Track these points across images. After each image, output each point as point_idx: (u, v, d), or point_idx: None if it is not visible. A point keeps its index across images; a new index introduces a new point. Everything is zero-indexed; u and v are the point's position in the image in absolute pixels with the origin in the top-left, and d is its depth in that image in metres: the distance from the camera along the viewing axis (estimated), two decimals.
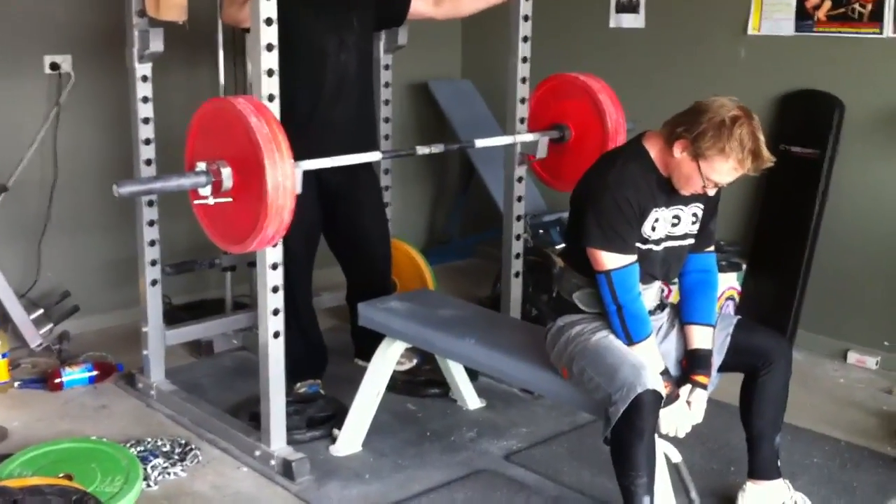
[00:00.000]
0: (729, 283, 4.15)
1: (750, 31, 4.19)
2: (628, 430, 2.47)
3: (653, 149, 2.67)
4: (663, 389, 2.50)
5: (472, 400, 3.56)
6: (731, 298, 4.18)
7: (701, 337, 2.72)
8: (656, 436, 2.56)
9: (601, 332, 2.64)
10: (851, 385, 3.86)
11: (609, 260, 2.57)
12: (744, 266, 4.21)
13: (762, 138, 2.54)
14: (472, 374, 3.57)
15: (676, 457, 2.70)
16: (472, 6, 3.66)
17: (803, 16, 4.02)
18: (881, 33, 3.81)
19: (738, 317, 2.81)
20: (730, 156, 2.51)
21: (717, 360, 2.73)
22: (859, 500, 2.98)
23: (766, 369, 2.72)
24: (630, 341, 2.59)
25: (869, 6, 3.83)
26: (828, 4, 3.95)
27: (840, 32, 3.93)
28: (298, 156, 2.72)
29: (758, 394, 2.74)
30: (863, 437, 3.37)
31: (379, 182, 3.85)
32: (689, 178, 2.58)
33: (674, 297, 3.05)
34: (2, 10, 3.97)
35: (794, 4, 4.03)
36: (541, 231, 4.49)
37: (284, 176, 2.56)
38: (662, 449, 2.67)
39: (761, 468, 2.80)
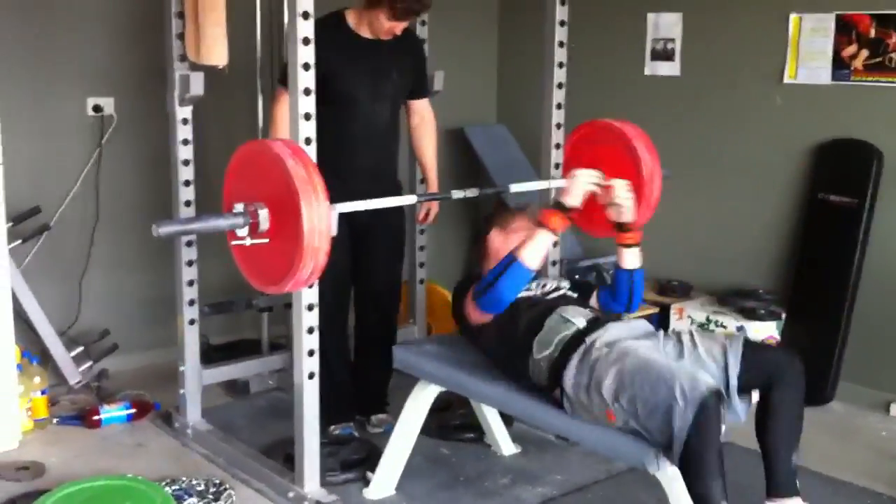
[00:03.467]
0: (768, 332, 4.12)
1: (786, 80, 4.19)
2: (697, 436, 2.43)
3: None
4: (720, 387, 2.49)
5: (506, 445, 3.54)
6: None
7: None
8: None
9: (621, 356, 2.62)
10: (894, 438, 3.80)
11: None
12: (783, 315, 4.17)
13: None
14: (507, 420, 3.56)
15: None
16: (423, 152, 3.76)
17: (840, 65, 4.02)
18: None
19: (746, 336, 2.77)
20: None
21: (732, 380, 2.68)
22: None
23: (777, 384, 2.69)
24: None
25: None
26: (864, 53, 3.95)
27: (877, 81, 3.93)
28: (335, 200, 2.75)
29: (771, 410, 2.71)
30: None
31: (405, 227, 3.87)
32: None
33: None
34: (48, 54, 4.08)
35: (831, 53, 4.03)
36: (576, 276, 4.49)
37: (320, 219, 2.58)
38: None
39: (778, 485, 2.72)
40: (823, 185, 4.11)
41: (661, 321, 4.30)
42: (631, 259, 3.11)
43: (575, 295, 3.17)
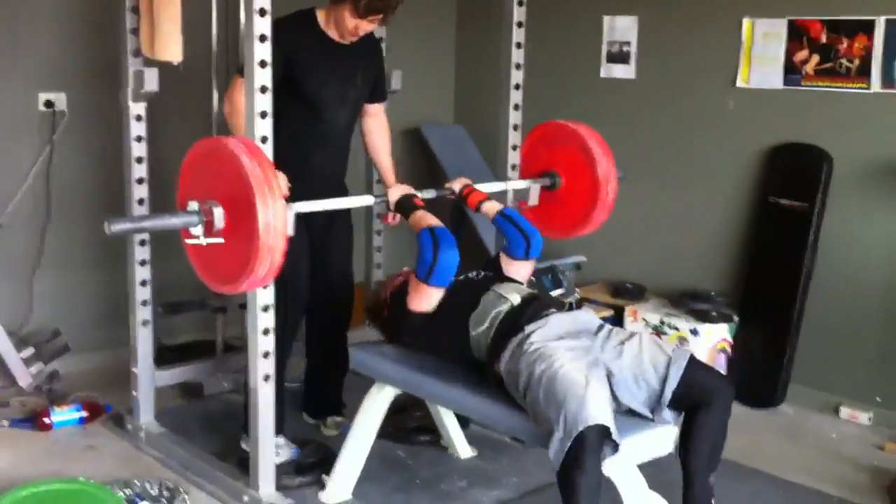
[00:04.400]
0: (721, 335, 4.17)
1: (739, 84, 4.25)
2: (572, 465, 2.49)
3: None
4: (609, 422, 2.51)
5: (462, 448, 3.55)
6: (723, 350, 4.19)
7: None
8: (646, 488, 2.56)
9: (539, 359, 2.67)
10: (843, 440, 3.85)
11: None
12: (735, 318, 4.22)
13: None
14: (464, 422, 3.56)
15: None
16: (381, 155, 3.71)
17: (792, 70, 4.08)
18: (868, 88, 3.87)
19: (691, 353, 2.81)
20: None
21: (667, 392, 2.70)
22: None
23: (705, 407, 2.72)
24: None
25: (856, 61, 3.89)
26: (816, 59, 4.01)
27: (828, 87, 3.99)
28: (291, 199, 2.74)
29: (695, 431, 2.73)
30: (854, 493, 3.36)
31: (352, 228, 3.84)
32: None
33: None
34: None
35: (783, 58, 4.09)
36: (532, 279, 4.50)
37: (276, 216, 2.56)
38: (653, 500, 2.67)
39: (690, 491, 2.76)
40: (774, 189, 4.17)
41: (615, 323, 4.33)
42: (490, 209, 3.32)
43: (491, 273, 3.23)
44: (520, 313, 2.90)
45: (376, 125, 3.67)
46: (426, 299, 3.01)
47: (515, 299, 2.96)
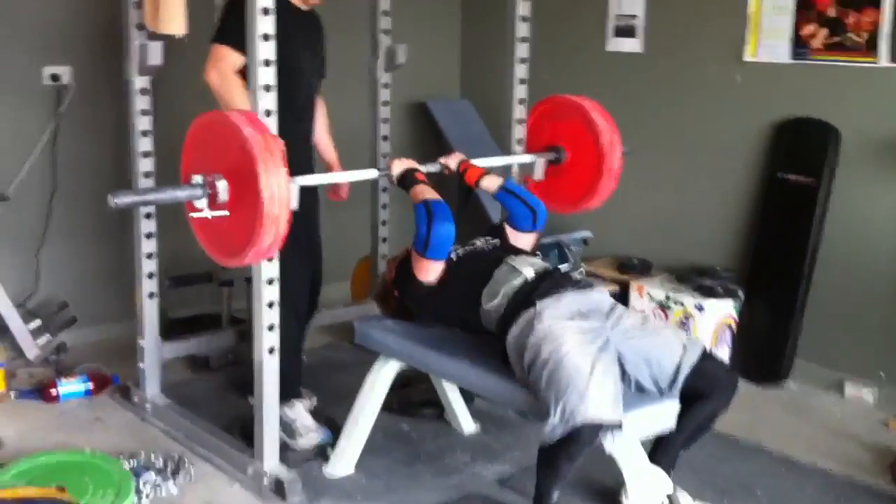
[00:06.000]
0: (726, 311, 4.16)
1: (746, 58, 4.22)
2: (560, 449, 2.55)
3: None
4: (613, 416, 2.53)
5: (466, 423, 3.56)
6: (728, 326, 4.19)
7: None
8: (648, 462, 2.58)
9: (547, 340, 2.68)
10: (847, 417, 3.85)
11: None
12: (740, 294, 4.22)
13: None
14: (468, 397, 3.57)
15: (669, 487, 2.71)
16: (325, 134, 3.67)
17: (799, 44, 4.05)
18: (876, 62, 3.84)
19: (704, 345, 2.82)
20: None
21: (680, 378, 2.72)
22: None
23: (709, 396, 2.75)
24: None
25: (864, 35, 3.86)
26: (824, 33, 3.98)
27: (836, 61, 3.96)
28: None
29: (688, 413, 2.76)
30: (858, 471, 3.36)
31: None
32: None
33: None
34: (3, 21, 3.99)
35: (790, 32, 4.06)
36: (537, 253, 4.50)
37: (280, 187, 2.56)
38: (655, 478, 2.68)
39: (656, 459, 2.82)
40: (782, 165, 4.15)
41: (621, 299, 4.33)
42: (490, 185, 3.29)
43: (498, 241, 3.24)
44: (533, 288, 2.89)
45: (319, 104, 3.63)
46: (426, 271, 3.01)
47: (529, 273, 2.95)
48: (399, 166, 3.20)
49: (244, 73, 3.00)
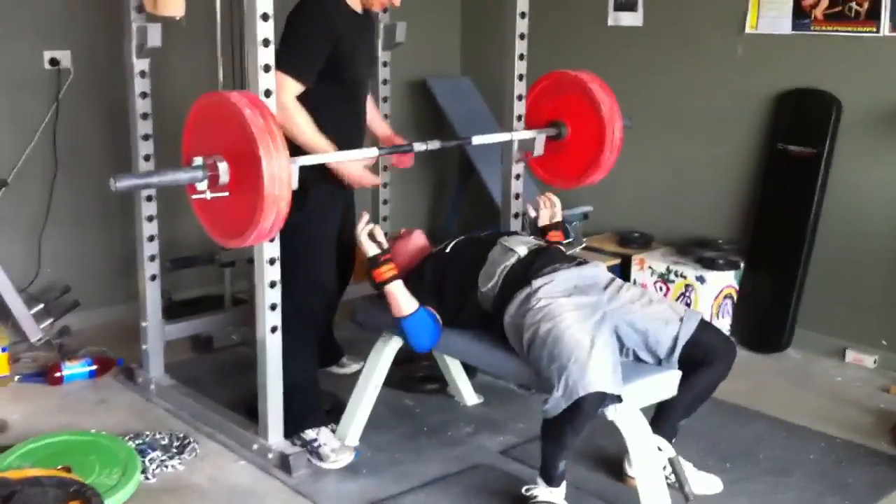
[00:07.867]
0: (727, 281, 4.17)
1: (747, 30, 4.20)
2: (565, 419, 2.57)
3: None
4: (614, 388, 2.55)
5: (469, 396, 3.58)
6: (728, 297, 4.20)
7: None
8: (650, 432, 2.59)
9: (545, 318, 2.69)
10: (848, 383, 3.87)
11: None
12: (741, 264, 4.22)
13: None
14: (470, 371, 3.59)
15: (670, 452, 2.73)
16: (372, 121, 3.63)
17: (800, 14, 4.03)
18: (878, 32, 3.83)
19: (702, 315, 2.84)
20: None
21: (678, 348, 2.75)
22: (853, 496, 2.99)
23: (707, 366, 2.77)
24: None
25: (865, 5, 3.84)
26: (825, 3, 3.96)
27: (837, 31, 3.94)
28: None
29: (688, 382, 2.78)
30: (858, 435, 3.38)
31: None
32: None
33: None
34: (2, 5, 3.99)
35: (791, 3, 4.04)
36: None
37: (280, 167, 2.57)
38: (656, 443, 2.69)
39: (658, 427, 2.82)
40: (783, 135, 4.14)
41: (622, 272, 4.35)
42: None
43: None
44: (527, 265, 2.90)
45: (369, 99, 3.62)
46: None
47: (522, 251, 2.96)
48: (368, 247, 2.99)
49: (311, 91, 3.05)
